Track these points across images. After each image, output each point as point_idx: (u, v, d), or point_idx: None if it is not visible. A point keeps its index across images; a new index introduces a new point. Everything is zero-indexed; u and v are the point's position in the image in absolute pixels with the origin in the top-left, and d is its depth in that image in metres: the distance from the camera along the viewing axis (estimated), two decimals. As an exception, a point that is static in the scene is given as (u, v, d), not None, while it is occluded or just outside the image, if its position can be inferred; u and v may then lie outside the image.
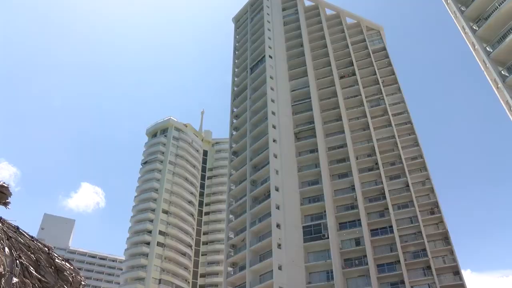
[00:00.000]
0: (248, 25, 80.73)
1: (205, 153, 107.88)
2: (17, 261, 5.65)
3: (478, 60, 44.24)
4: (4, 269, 5.17)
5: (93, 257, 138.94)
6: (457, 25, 47.24)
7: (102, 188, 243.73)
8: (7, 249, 5.63)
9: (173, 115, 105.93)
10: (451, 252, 56.65)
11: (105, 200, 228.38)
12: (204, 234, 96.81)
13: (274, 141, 59.50)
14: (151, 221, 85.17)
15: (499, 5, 40.89)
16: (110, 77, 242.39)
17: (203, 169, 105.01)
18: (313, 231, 53.75)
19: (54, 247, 8.65)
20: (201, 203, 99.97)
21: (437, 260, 55.59)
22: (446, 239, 58.00)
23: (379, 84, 73.11)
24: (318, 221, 54.27)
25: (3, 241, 5.75)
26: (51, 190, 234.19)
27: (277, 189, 54.82)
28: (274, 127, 61.13)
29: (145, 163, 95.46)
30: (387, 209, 57.37)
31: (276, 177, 55.90)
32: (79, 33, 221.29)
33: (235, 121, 71.34)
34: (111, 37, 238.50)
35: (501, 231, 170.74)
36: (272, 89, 65.74)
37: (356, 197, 56.96)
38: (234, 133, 69.87)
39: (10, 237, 6.07)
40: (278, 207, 53.32)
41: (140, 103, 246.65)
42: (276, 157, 57.88)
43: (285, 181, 56.64)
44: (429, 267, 53.20)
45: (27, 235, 6.59)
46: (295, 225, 54.00)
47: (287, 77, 70.88)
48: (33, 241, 6.57)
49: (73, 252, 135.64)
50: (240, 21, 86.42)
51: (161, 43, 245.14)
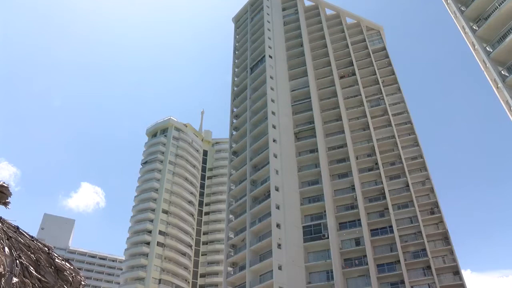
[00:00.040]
0: (248, 25, 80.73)
1: (205, 153, 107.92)
2: (17, 261, 5.65)
3: (478, 60, 44.25)
4: (4, 269, 5.17)
5: (93, 257, 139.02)
6: (457, 25, 47.26)
7: (102, 188, 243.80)
8: (7, 249, 5.63)
9: (173, 115, 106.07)
10: (451, 252, 56.68)
11: (105, 200, 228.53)
12: (204, 234, 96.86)
13: (274, 141, 59.50)
14: (151, 221, 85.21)
15: (499, 5, 40.91)
16: (110, 77, 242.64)
17: (203, 169, 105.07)
18: (313, 231, 53.76)
19: (54, 247, 8.65)
20: (201, 203, 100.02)
21: (437, 260, 55.62)
22: (446, 239, 58.04)
23: (379, 84, 73.14)
24: (318, 221, 54.29)
25: (3, 241, 5.75)
26: (51, 190, 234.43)
27: (277, 189, 54.83)
28: (274, 127, 61.13)
29: (145, 163, 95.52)
30: (387, 209, 57.40)
31: (276, 177, 55.91)
32: (79, 33, 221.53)
33: (235, 121, 71.35)
34: (111, 37, 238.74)
35: (501, 231, 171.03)
36: (272, 89, 65.74)
37: (356, 197, 56.98)
38: (234, 133, 69.88)
39: (10, 237, 6.07)
40: (278, 207, 53.32)
41: (140, 103, 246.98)
42: (276, 157, 57.88)
43: (285, 181, 56.64)
44: (429, 267, 53.24)
45: (27, 235, 6.58)
46: (295, 225, 54.00)
47: (287, 77, 70.88)
48: (33, 241, 6.57)
49: (73, 252, 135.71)
50: (240, 21, 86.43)
51: (161, 43, 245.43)
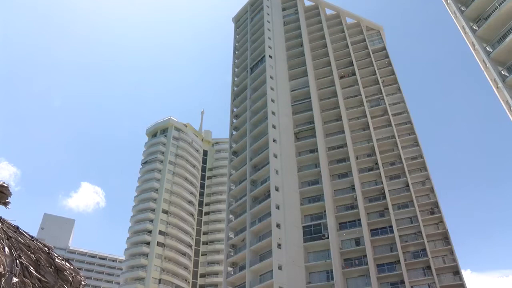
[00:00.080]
0: (248, 25, 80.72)
1: (205, 153, 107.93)
2: (17, 261, 5.65)
3: (478, 60, 44.25)
4: (4, 269, 5.17)
5: (93, 257, 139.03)
6: (457, 25, 47.25)
7: (102, 188, 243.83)
8: (7, 249, 5.63)
9: (173, 115, 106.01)
10: (451, 252, 56.68)
11: (105, 200, 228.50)
12: (204, 234, 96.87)
13: (274, 141, 59.49)
14: (151, 221, 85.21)
15: (499, 5, 40.91)
16: (110, 77, 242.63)
17: (203, 169, 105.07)
18: (313, 231, 53.76)
19: (54, 247, 8.66)
20: (201, 203, 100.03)
21: (437, 260, 55.61)
22: (446, 239, 58.03)
23: (379, 84, 73.12)
24: (318, 221, 54.28)
25: (3, 241, 5.75)
26: (51, 190, 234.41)
27: (277, 189, 54.82)
28: (274, 127, 61.12)
29: (145, 163, 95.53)
30: (387, 209, 57.40)
31: (276, 177, 55.90)
32: (79, 33, 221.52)
33: (235, 121, 71.34)
34: (111, 37, 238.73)
35: (501, 231, 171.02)
36: (272, 89, 65.73)
37: (356, 197, 56.97)
38: (234, 133, 69.87)
39: (10, 237, 6.07)
40: (278, 207, 53.31)
41: (140, 103, 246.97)
42: (276, 157, 57.88)
43: (285, 181, 56.64)
44: (429, 267, 53.23)
45: (27, 235, 6.58)
46: (295, 225, 54.00)
47: (287, 77, 70.87)
48: (33, 241, 6.57)
49: (73, 252, 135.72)
50: (240, 21, 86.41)
51: (161, 43, 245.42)
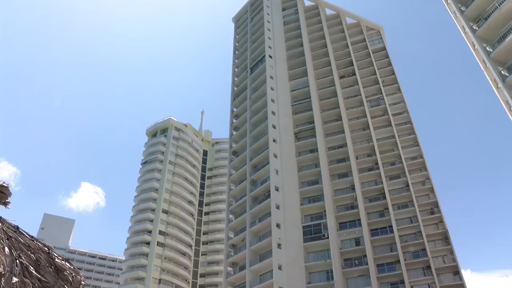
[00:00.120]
0: (248, 25, 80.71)
1: (205, 153, 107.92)
2: (17, 260, 5.65)
3: (478, 60, 44.24)
4: (4, 269, 5.17)
5: (93, 257, 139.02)
6: (457, 25, 47.25)
7: (102, 188, 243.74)
8: (7, 249, 5.63)
9: (173, 115, 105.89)
10: (451, 252, 56.68)
11: (105, 200, 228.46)
12: (204, 234, 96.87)
13: (274, 141, 59.49)
14: (151, 221, 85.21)
15: (499, 5, 40.91)
16: (110, 77, 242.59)
17: (203, 169, 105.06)
18: (313, 231, 53.76)
19: (54, 247, 8.66)
20: (201, 203, 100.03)
21: (437, 260, 55.61)
22: (446, 239, 58.03)
23: (379, 84, 73.12)
24: (318, 221, 54.28)
25: (3, 241, 5.75)
26: (51, 190, 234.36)
27: (277, 189, 54.82)
28: (274, 127, 61.12)
29: (145, 163, 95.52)
30: (387, 209, 57.40)
31: (276, 177, 55.90)
32: (79, 33, 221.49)
33: (235, 121, 71.33)
34: (111, 37, 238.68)
35: (501, 231, 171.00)
36: (272, 89, 65.73)
37: (356, 197, 56.97)
38: (234, 133, 69.86)
39: (10, 237, 6.07)
40: (278, 207, 53.31)
41: (140, 103, 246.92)
42: (276, 157, 57.88)
43: (285, 181, 56.64)
44: (429, 267, 53.23)
45: (27, 235, 6.59)
46: (295, 225, 54.00)
47: (287, 77, 70.87)
48: (33, 241, 6.57)
49: (73, 252, 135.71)
50: (240, 21, 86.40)
51: (161, 43, 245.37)
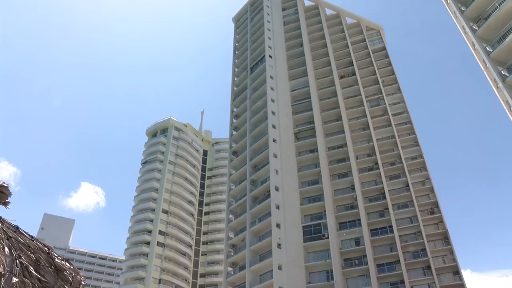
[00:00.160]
0: (248, 25, 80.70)
1: (205, 153, 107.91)
2: (17, 261, 5.65)
3: (478, 60, 44.24)
4: (4, 269, 5.17)
5: (93, 257, 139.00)
6: (457, 25, 47.24)
7: (102, 188, 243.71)
8: (7, 249, 5.63)
9: (173, 115, 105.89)
10: (451, 252, 56.68)
11: (105, 200, 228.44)
12: (204, 234, 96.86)
13: (274, 141, 59.49)
14: (151, 221, 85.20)
15: (499, 5, 40.90)
16: (110, 77, 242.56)
17: (203, 169, 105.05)
18: (313, 231, 53.75)
19: (54, 247, 8.66)
20: (201, 203, 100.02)
21: (437, 260, 55.61)
22: (446, 239, 58.03)
23: (379, 84, 73.11)
24: (318, 221, 54.28)
25: (3, 241, 5.75)
26: (51, 190, 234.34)
27: (277, 189, 54.82)
28: (274, 127, 61.11)
29: (145, 163, 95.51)
30: (387, 209, 57.39)
31: (276, 177, 55.90)
32: (79, 33, 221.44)
33: (235, 121, 71.33)
34: (111, 37, 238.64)
35: (501, 231, 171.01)
36: (272, 89, 65.73)
37: (356, 197, 56.97)
38: (234, 133, 69.86)
39: (10, 237, 6.06)
40: (278, 207, 53.31)
41: (140, 103, 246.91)
42: (276, 157, 57.87)
43: (285, 181, 56.63)
44: (429, 267, 53.24)
45: (27, 235, 6.58)
46: (295, 225, 53.99)
47: (287, 77, 70.87)
48: (33, 241, 6.57)
49: (73, 252, 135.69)
50: (240, 21, 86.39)
51: (161, 43, 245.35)
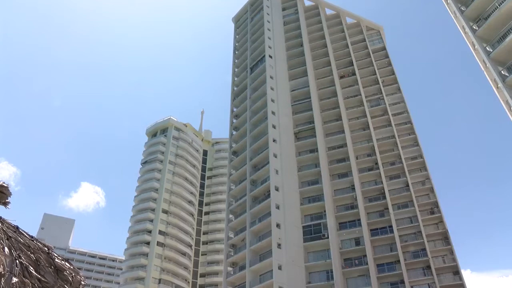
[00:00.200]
0: (248, 25, 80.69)
1: (205, 153, 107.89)
2: (17, 261, 5.65)
3: (478, 60, 44.24)
4: (4, 269, 5.17)
5: (93, 257, 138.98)
6: (457, 25, 47.24)
7: (102, 188, 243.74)
8: (7, 249, 5.63)
9: (173, 115, 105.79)
10: (451, 252, 56.68)
11: (105, 200, 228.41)
12: (204, 234, 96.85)
13: (274, 141, 59.48)
14: (151, 221, 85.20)
15: (499, 5, 40.90)
16: (110, 77, 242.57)
17: (203, 169, 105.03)
18: (313, 231, 53.75)
19: (54, 247, 8.65)
20: (201, 203, 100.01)
21: (437, 260, 55.62)
22: (446, 239, 58.04)
23: (379, 84, 73.11)
24: (318, 221, 54.28)
25: (3, 241, 5.75)
26: (51, 190, 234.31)
27: (277, 189, 54.81)
28: (274, 127, 61.11)
29: (145, 162, 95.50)
30: (387, 209, 57.39)
31: (276, 177, 55.90)
32: (79, 33, 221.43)
33: (235, 121, 71.32)
34: (111, 37, 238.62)
35: (501, 231, 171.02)
36: (272, 89, 65.72)
37: (356, 197, 56.97)
38: (234, 133, 69.85)
39: (10, 237, 6.06)
40: (278, 207, 53.31)
41: (140, 103, 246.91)
42: (276, 157, 57.87)
43: (285, 181, 56.63)
44: (429, 267, 53.24)
45: (27, 235, 6.58)
46: (295, 225, 53.99)
47: (287, 77, 70.86)
48: (33, 241, 6.57)
49: (73, 252, 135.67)
50: (240, 21, 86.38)
51: (161, 43, 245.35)
